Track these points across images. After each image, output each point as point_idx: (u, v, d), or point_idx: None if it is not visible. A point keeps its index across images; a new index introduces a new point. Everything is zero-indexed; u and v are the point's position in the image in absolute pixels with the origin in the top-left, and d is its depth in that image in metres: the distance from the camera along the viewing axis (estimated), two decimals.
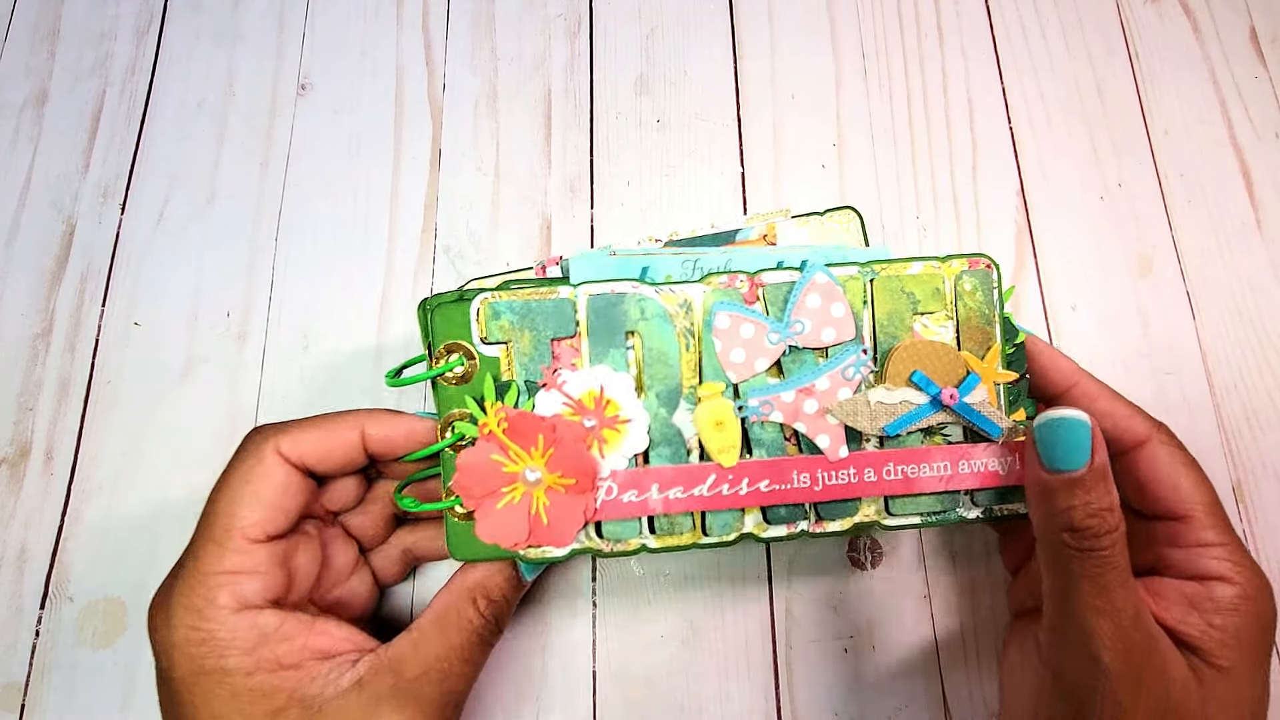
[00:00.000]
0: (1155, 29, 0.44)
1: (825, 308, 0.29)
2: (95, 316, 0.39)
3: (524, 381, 0.29)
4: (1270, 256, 0.40)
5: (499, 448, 0.28)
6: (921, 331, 0.30)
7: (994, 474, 0.30)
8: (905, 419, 0.29)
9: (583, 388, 0.29)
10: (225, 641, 0.25)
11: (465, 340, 0.28)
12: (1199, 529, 0.27)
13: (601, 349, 0.29)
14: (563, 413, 0.28)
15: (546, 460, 0.28)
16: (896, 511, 0.30)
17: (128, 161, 0.41)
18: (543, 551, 0.29)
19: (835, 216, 0.36)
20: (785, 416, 0.29)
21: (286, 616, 0.26)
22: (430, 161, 0.41)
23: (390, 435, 0.29)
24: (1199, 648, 0.26)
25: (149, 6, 0.44)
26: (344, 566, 0.31)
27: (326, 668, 0.26)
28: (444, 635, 0.28)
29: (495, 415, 0.28)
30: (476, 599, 0.29)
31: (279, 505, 0.27)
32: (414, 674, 0.27)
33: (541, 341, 0.29)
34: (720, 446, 0.29)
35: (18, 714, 0.34)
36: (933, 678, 0.35)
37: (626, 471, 0.29)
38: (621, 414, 0.29)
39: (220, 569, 0.26)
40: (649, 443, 0.29)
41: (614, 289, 0.29)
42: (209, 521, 0.27)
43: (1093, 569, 0.25)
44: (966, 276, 0.30)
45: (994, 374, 0.30)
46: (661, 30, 0.43)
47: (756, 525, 0.29)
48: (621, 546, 0.29)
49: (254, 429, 0.29)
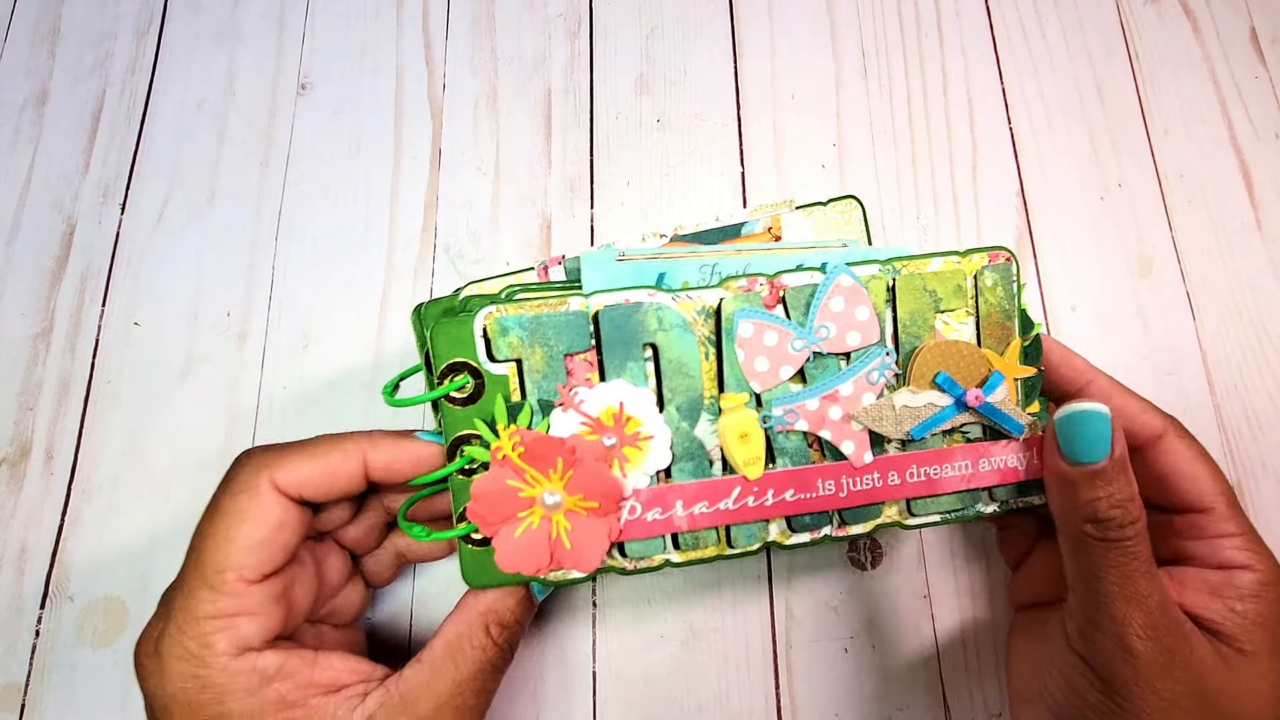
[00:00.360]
0: (1155, 29, 0.44)
1: (850, 311, 0.28)
2: (95, 316, 0.39)
3: (537, 401, 0.27)
4: (1270, 256, 0.40)
5: (514, 472, 0.26)
6: (942, 329, 0.29)
7: (1014, 470, 0.29)
8: (930, 422, 0.29)
9: (601, 405, 0.27)
10: (224, 687, 0.24)
11: (471, 359, 0.27)
12: (1219, 520, 0.28)
13: (618, 362, 0.27)
14: (580, 432, 0.27)
15: (566, 483, 0.26)
16: (918, 512, 0.30)
17: (128, 161, 0.41)
18: (564, 574, 0.27)
19: (837, 207, 0.35)
20: (810, 425, 0.28)
21: (288, 655, 0.25)
22: (430, 161, 0.41)
23: (394, 463, 0.27)
24: (1223, 633, 0.26)
25: (149, 6, 0.44)
26: (338, 581, 0.30)
27: (333, 704, 0.25)
28: (456, 667, 0.27)
29: (510, 439, 0.26)
30: (490, 626, 0.28)
31: (276, 542, 0.25)
32: (427, 710, 0.26)
33: (554, 357, 0.27)
34: (746, 459, 0.28)
35: (18, 714, 0.34)
36: (933, 678, 0.35)
37: (649, 489, 0.28)
38: (643, 430, 0.27)
39: (215, 613, 0.24)
40: (672, 458, 0.28)
41: (629, 298, 0.27)
42: (200, 560, 0.25)
43: (1117, 559, 0.25)
44: (988, 271, 0.29)
45: (1015, 369, 0.29)
46: (661, 30, 0.43)
47: (781, 533, 0.29)
48: (645, 564, 0.28)
49: (245, 453, 0.27)
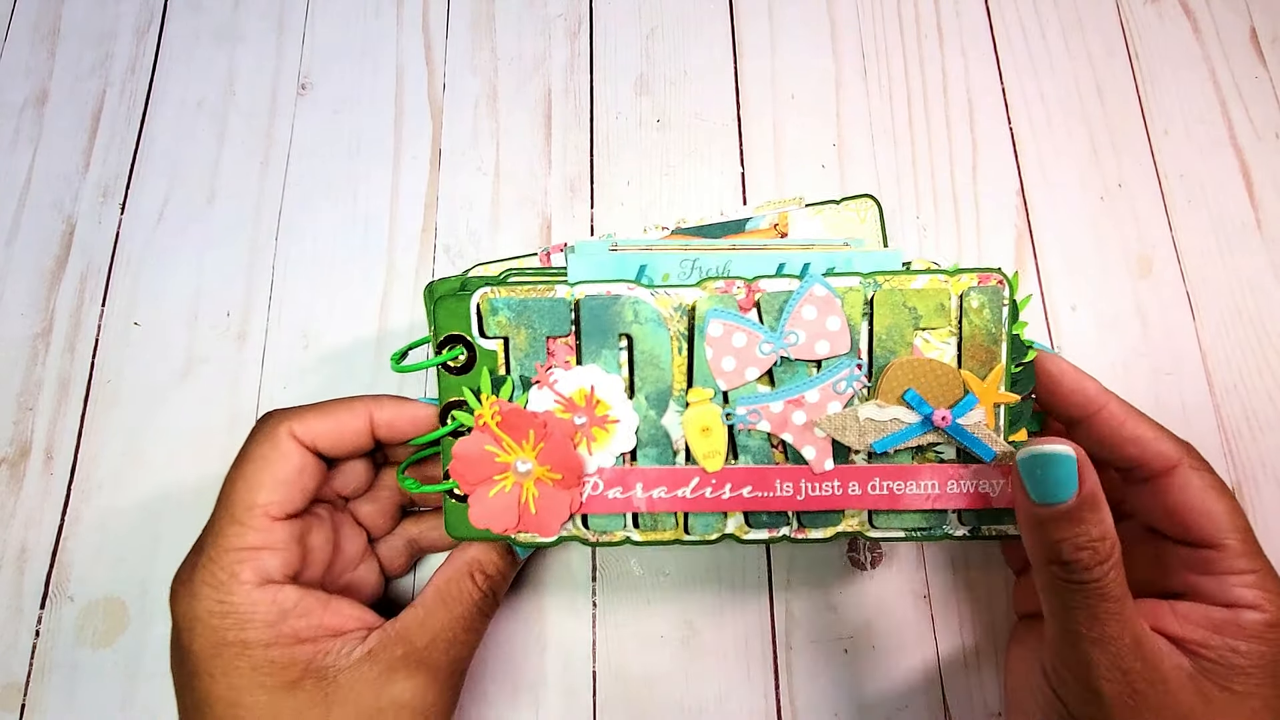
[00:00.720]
0: (1155, 29, 0.44)
1: (821, 320, 0.29)
2: (95, 316, 0.39)
3: (519, 376, 0.29)
4: (1270, 256, 0.40)
5: (492, 438, 0.29)
6: (922, 347, 0.29)
7: (984, 495, 0.29)
8: (894, 437, 0.29)
9: (574, 386, 0.29)
10: (247, 615, 0.26)
11: (465, 332, 0.29)
12: (1232, 556, 0.27)
13: (594, 349, 0.29)
14: (554, 409, 0.29)
15: (537, 454, 0.29)
16: (880, 525, 0.30)
17: (128, 161, 0.41)
18: (531, 537, 0.30)
19: (851, 205, 0.35)
20: (773, 426, 0.29)
21: (304, 593, 0.28)
22: (430, 161, 0.41)
23: (395, 421, 0.30)
24: (1217, 671, 0.26)
25: (149, 6, 0.44)
26: (354, 553, 0.32)
27: (339, 643, 0.28)
28: (447, 607, 0.29)
29: (490, 408, 0.29)
30: (474, 574, 0.30)
31: (296, 485, 0.28)
32: (422, 643, 0.28)
33: (537, 339, 0.29)
34: (705, 451, 0.29)
35: (18, 714, 0.34)
36: (933, 678, 0.35)
37: (613, 469, 0.29)
38: (611, 414, 0.29)
39: (243, 545, 0.27)
40: (636, 443, 0.30)
41: (609, 290, 0.29)
42: (229, 501, 0.28)
43: (1085, 600, 0.25)
44: (974, 293, 0.29)
45: (995, 395, 0.29)
46: (661, 30, 0.43)
47: (738, 527, 0.30)
48: (606, 538, 0.30)
49: (266, 414, 0.30)
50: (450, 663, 0.29)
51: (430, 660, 0.28)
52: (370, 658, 0.28)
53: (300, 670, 0.27)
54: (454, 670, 0.29)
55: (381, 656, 0.28)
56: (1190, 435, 0.29)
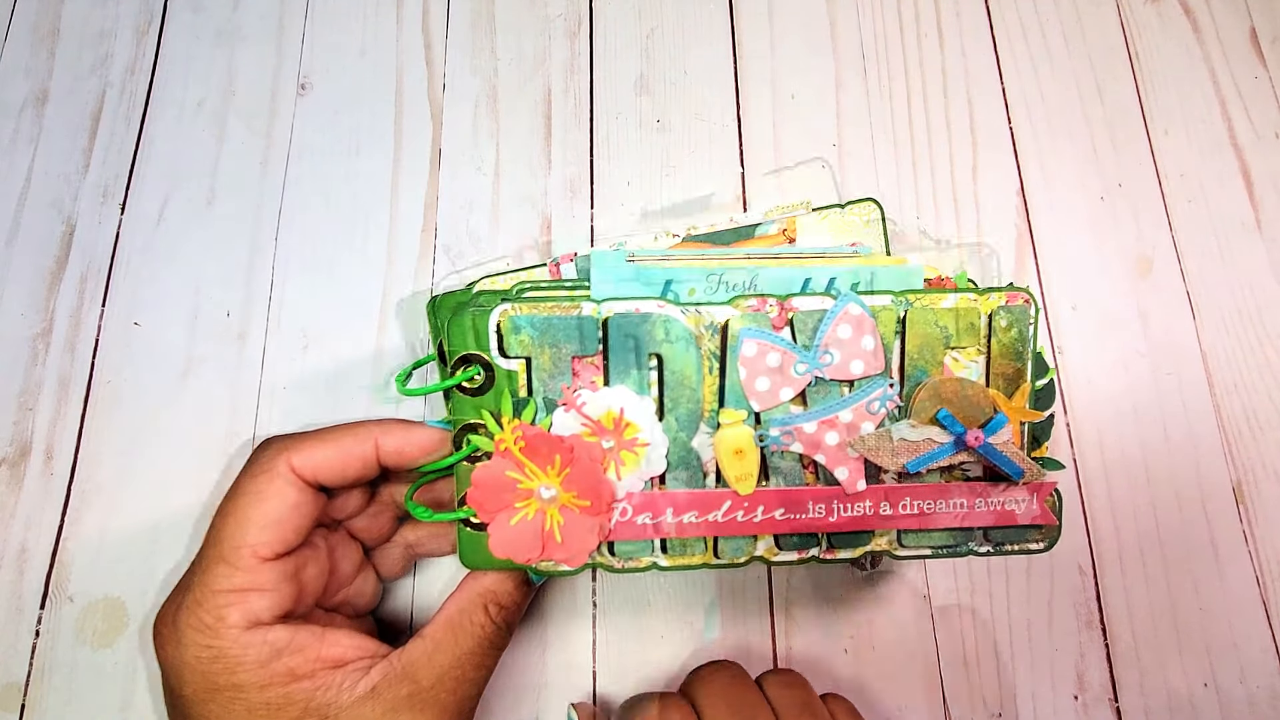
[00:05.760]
0: (1155, 29, 0.44)
1: (856, 339, 0.28)
2: (95, 316, 0.39)
3: (543, 399, 0.28)
4: (1270, 256, 0.40)
5: (514, 464, 0.27)
6: (951, 365, 0.29)
7: (1010, 513, 0.29)
8: (927, 457, 0.28)
9: (602, 409, 0.28)
10: (237, 658, 0.25)
11: (484, 351, 0.28)
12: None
13: (623, 369, 0.28)
14: (581, 433, 0.28)
15: (562, 479, 0.27)
16: (909, 544, 0.30)
17: (128, 161, 0.41)
18: (554, 565, 0.28)
19: (855, 210, 0.35)
20: (805, 447, 0.29)
21: (298, 630, 0.26)
22: (430, 161, 0.41)
23: (404, 448, 0.28)
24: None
25: (149, 6, 0.44)
26: (350, 571, 0.31)
27: (339, 676, 0.26)
28: (456, 642, 0.28)
29: (512, 432, 0.27)
30: (488, 605, 0.29)
31: (289, 523, 0.27)
32: (429, 681, 0.27)
33: (562, 359, 0.28)
34: (738, 474, 0.28)
35: (18, 714, 0.34)
36: (933, 678, 0.35)
37: (642, 494, 0.28)
38: (640, 437, 0.28)
39: (230, 587, 0.26)
40: (666, 466, 0.28)
41: (638, 308, 0.28)
42: (218, 538, 0.26)
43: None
44: (1003, 312, 0.29)
45: (1021, 413, 0.29)
46: (661, 30, 0.43)
47: (768, 549, 0.29)
48: (633, 564, 0.29)
49: (265, 441, 0.28)
50: (458, 702, 0.27)
51: (437, 700, 0.27)
52: (373, 695, 0.26)
53: (299, 710, 0.25)
54: (461, 710, 0.28)
55: (385, 694, 0.26)
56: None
